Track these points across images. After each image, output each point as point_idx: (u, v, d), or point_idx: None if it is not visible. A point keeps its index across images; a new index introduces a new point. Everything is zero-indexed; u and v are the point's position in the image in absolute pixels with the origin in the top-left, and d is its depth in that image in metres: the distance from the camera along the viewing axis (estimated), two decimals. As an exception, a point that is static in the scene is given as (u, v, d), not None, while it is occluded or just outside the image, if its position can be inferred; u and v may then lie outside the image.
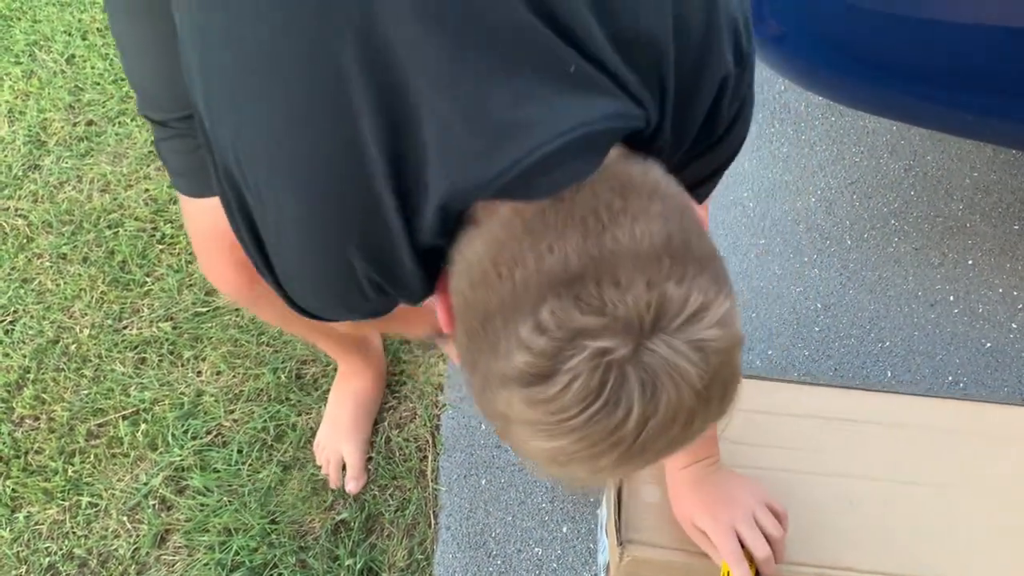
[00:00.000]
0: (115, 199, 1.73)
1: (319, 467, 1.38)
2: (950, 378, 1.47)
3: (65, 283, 1.61)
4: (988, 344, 1.51)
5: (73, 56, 1.99)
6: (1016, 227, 1.64)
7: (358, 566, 1.28)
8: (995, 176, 1.71)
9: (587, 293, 0.54)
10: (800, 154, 1.76)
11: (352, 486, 1.36)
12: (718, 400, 0.58)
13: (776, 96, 1.87)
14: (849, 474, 1.11)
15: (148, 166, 1.77)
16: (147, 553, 1.32)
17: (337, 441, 1.37)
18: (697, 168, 0.73)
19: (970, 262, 1.61)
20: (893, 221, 1.66)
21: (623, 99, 0.60)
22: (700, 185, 0.76)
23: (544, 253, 0.56)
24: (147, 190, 1.73)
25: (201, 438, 1.42)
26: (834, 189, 1.71)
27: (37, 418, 1.46)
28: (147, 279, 1.61)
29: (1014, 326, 1.53)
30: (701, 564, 1.04)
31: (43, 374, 1.50)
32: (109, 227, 1.68)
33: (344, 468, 1.37)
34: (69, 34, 2.03)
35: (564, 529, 1.33)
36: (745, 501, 1.00)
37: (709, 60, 0.64)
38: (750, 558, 0.97)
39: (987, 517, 1.07)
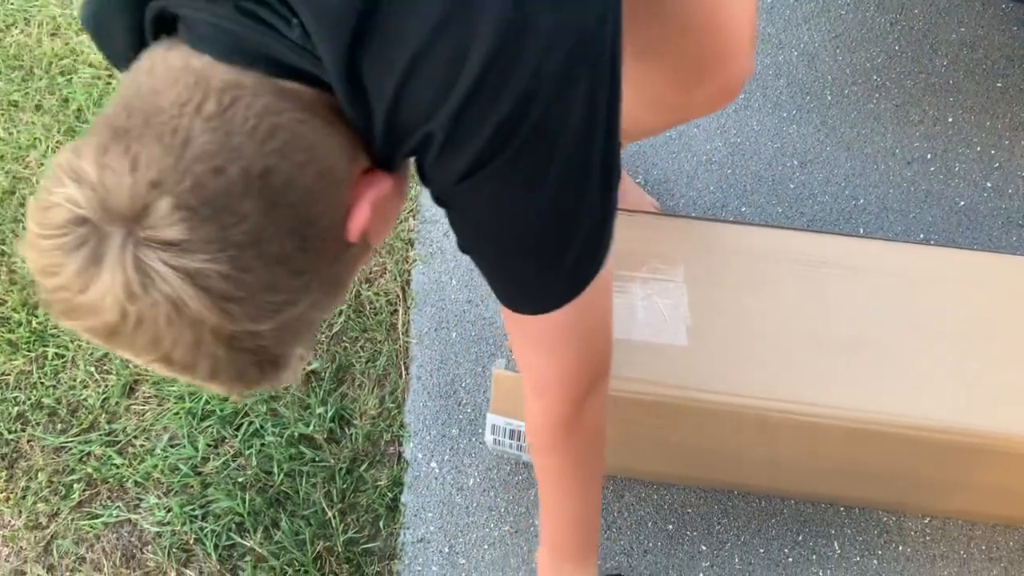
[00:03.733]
0: (67, 44, 1.64)
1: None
2: (922, 236, 1.47)
3: (18, 132, 1.54)
4: (962, 202, 1.50)
5: None
6: (999, 84, 1.61)
7: (329, 413, 1.29)
8: (982, 31, 1.66)
9: (112, 149, 0.53)
10: (784, 5, 1.70)
11: None
12: (147, 341, 0.55)
13: (762, -56, 1.78)
14: (813, 315, 1.12)
15: (100, 9, 1.68)
16: (116, 403, 1.32)
17: None
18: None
19: (950, 120, 1.58)
20: (875, 77, 1.62)
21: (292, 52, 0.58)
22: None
23: (135, 97, 0.56)
24: (100, 35, 1.64)
25: (167, 290, 1.40)
26: (817, 43, 1.66)
27: (-3, 269, 1.43)
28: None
29: (989, 185, 1.52)
30: (668, 403, 1.06)
31: (1, 225, 1.46)
32: (62, 74, 1.60)
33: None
34: None
35: (534, 380, 1.34)
36: None
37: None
38: None
39: (950, 361, 1.10)
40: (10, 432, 1.31)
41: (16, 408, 1.32)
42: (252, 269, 0.55)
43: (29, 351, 1.36)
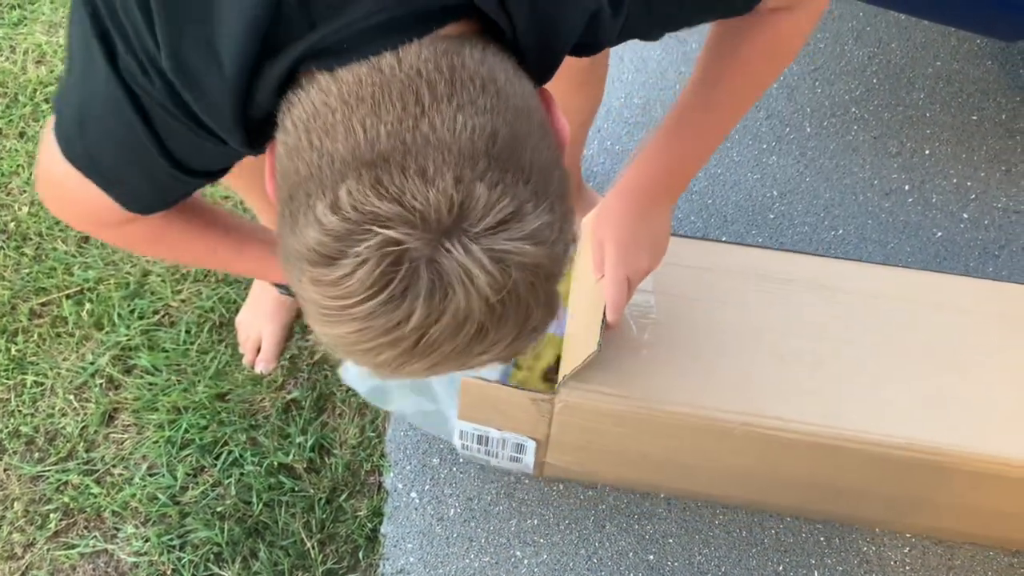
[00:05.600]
0: (52, 72, 1.64)
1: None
2: (900, 266, 1.48)
3: (1, 159, 1.54)
4: (939, 233, 1.52)
5: (1, -83, 1.86)
6: (975, 117, 1.64)
7: (309, 443, 1.29)
8: (958, 66, 1.69)
9: (389, 178, 0.51)
10: (764, 39, 1.73)
11: (262, 367, 1.35)
12: (516, 320, 0.54)
13: (743, -22, 1.81)
14: (780, 331, 1.13)
15: (86, 37, 1.68)
16: (95, 431, 1.31)
17: (257, 322, 1.36)
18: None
19: (927, 152, 1.60)
20: (854, 109, 1.64)
21: None
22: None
23: (355, 127, 0.53)
24: (85, 63, 1.65)
25: (148, 318, 1.39)
26: (796, 75, 1.68)
27: (-23, 297, 1.42)
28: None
29: (965, 216, 1.54)
30: (633, 413, 1.07)
31: (-19, 252, 1.45)
32: (46, 101, 1.61)
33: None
34: None
35: (515, 409, 1.34)
36: (655, 261, 1.01)
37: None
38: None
39: (913, 379, 1.11)
40: (-14, 461, 1.29)
41: (-7, 437, 1.31)
42: (554, 208, 0.55)
43: (7, 379, 1.35)
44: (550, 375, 1.11)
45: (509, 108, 0.55)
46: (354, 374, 1.22)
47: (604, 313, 1.01)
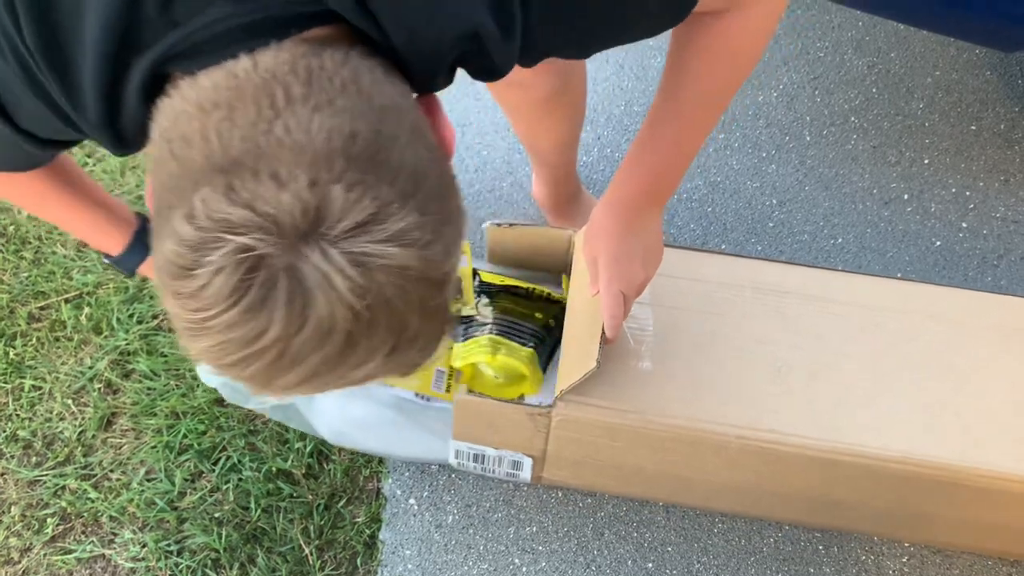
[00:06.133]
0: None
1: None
2: (899, 275, 1.48)
3: None
4: (938, 243, 1.52)
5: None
6: (973, 127, 1.64)
7: (307, 448, 1.29)
8: (956, 76, 1.70)
9: (241, 183, 0.49)
10: (764, 48, 1.73)
11: None
12: (389, 327, 0.52)
13: (743, -13, 1.82)
14: (778, 343, 1.13)
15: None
16: (93, 436, 1.31)
17: None
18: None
19: (926, 161, 1.61)
20: (853, 118, 1.65)
21: None
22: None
23: (210, 134, 0.51)
24: (86, 67, 1.65)
25: (147, 323, 1.39)
26: (796, 84, 1.69)
27: (-25, 300, 1.42)
28: (87, 159, 1.55)
29: (964, 225, 1.54)
30: (628, 426, 1.08)
31: (-20, 256, 1.45)
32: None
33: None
34: None
35: (514, 416, 1.34)
36: (649, 271, 0.99)
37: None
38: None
39: (909, 393, 1.11)
40: (-16, 465, 1.29)
41: (-10, 441, 1.31)
42: (426, 210, 0.53)
43: (5, 383, 1.35)
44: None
45: (373, 109, 0.54)
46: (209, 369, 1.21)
47: (603, 329, 1.01)
